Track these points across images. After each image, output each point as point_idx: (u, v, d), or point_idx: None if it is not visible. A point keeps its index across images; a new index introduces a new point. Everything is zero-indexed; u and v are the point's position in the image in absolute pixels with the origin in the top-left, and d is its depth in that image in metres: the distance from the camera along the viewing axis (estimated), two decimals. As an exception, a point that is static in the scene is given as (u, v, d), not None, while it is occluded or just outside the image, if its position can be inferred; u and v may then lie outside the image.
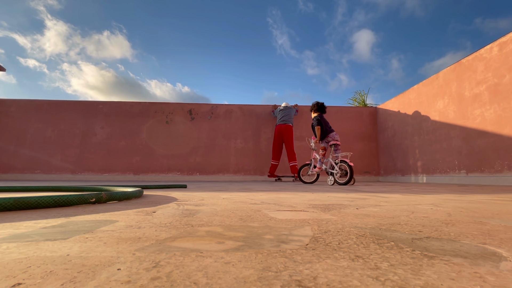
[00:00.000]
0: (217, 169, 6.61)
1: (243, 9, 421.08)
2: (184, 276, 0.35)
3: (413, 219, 0.85)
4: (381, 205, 1.24)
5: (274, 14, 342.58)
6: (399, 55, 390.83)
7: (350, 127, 7.03)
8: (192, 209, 1.04)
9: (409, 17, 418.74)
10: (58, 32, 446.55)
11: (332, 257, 0.45)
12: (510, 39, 3.69)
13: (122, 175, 6.48)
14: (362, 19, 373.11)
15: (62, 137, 6.56)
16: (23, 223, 0.73)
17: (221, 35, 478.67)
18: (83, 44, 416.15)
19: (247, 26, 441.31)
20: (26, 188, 2.00)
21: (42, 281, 0.34)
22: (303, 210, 1.05)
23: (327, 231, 0.65)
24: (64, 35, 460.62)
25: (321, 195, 1.84)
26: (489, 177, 3.92)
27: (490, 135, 3.92)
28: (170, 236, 0.58)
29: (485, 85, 4.02)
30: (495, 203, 1.34)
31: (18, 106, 6.66)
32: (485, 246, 0.52)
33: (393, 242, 0.55)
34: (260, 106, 7.03)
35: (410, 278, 0.35)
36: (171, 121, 6.76)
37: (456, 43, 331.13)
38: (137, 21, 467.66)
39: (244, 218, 0.83)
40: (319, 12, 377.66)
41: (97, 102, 6.83)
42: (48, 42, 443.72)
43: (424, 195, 1.81)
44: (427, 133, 5.20)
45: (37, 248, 0.48)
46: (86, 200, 1.14)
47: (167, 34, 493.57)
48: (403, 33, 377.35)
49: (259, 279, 0.35)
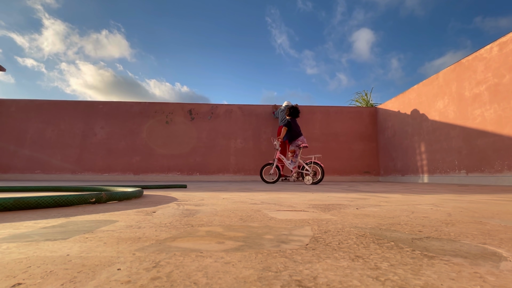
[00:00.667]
0: (217, 169, 6.61)
1: (242, 8, 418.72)
2: (184, 276, 0.35)
3: (413, 219, 0.85)
4: (381, 205, 1.24)
5: (272, 13, 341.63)
6: (399, 55, 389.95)
7: (350, 127, 7.03)
8: (192, 209, 1.04)
9: (409, 16, 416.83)
10: (56, 31, 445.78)
11: (332, 257, 0.45)
12: (510, 39, 3.69)
13: (122, 175, 6.48)
14: (362, 18, 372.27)
15: (62, 137, 6.56)
16: (23, 223, 0.73)
17: (219, 34, 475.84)
18: (81, 43, 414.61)
19: (245, 25, 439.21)
20: (26, 188, 2.00)
21: (42, 281, 0.34)
22: (303, 210, 1.05)
23: (327, 231, 0.65)
24: (62, 34, 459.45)
25: (321, 195, 1.84)
26: (489, 177, 3.92)
27: (490, 135, 3.92)
28: (170, 236, 0.58)
29: (485, 85, 4.02)
30: (495, 203, 1.34)
31: (18, 106, 6.66)
32: (485, 246, 0.52)
33: (393, 242, 0.55)
34: (260, 106, 7.04)
35: (410, 278, 0.35)
36: (171, 121, 6.76)
37: (456, 42, 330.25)
38: (135, 20, 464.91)
39: (244, 218, 0.83)
40: (318, 11, 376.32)
41: (97, 102, 6.83)
42: (46, 41, 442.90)
43: (424, 195, 1.81)
44: (427, 133, 5.20)
45: (37, 248, 0.48)
46: (86, 200, 1.14)
47: (165, 33, 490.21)
48: (402, 32, 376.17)
49: (259, 279, 0.35)
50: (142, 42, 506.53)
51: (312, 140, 6.84)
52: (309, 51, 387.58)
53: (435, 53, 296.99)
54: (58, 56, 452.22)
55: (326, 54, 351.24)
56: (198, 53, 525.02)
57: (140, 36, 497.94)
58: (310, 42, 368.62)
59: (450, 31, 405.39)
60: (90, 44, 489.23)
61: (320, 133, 6.94)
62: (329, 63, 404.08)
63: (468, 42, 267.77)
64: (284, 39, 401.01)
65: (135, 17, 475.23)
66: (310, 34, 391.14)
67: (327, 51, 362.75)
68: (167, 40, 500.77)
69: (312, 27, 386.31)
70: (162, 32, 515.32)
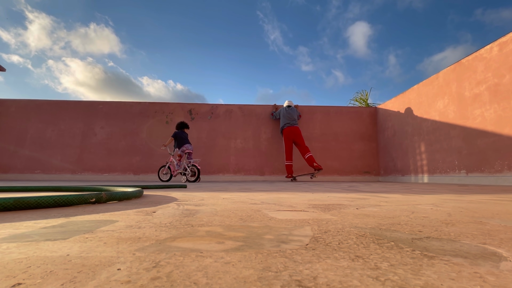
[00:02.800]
0: (217, 169, 6.61)
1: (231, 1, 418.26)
2: (184, 276, 0.35)
3: (413, 219, 0.85)
4: (381, 205, 1.24)
5: (264, 6, 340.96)
6: (396, 50, 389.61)
7: (350, 127, 7.03)
8: (192, 209, 1.04)
9: (407, 8, 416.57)
10: (42, 26, 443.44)
11: (332, 257, 0.45)
12: (510, 39, 3.69)
13: (122, 175, 6.48)
14: (358, 12, 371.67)
15: (62, 137, 6.56)
16: (23, 223, 0.73)
17: (210, 30, 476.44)
18: (69, 38, 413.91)
19: (236, 21, 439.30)
20: (26, 188, 2.00)
21: (42, 281, 0.34)
22: (303, 210, 1.05)
23: (327, 231, 0.65)
24: (47, 28, 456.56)
25: (321, 195, 1.84)
26: (489, 177, 3.92)
27: (490, 135, 3.92)
28: (170, 236, 0.58)
29: (485, 85, 4.02)
30: (495, 203, 1.34)
31: (18, 106, 6.66)
32: (485, 246, 0.52)
33: (393, 242, 0.55)
34: (259, 106, 7.04)
35: (410, 278, 0.35)
36: (171, 121, 6.77)
37: (456, 36, 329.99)
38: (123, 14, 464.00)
39: (244, 218, 0.83)
40: (312, 4, 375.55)
41: (97, 102, 6.83)
42: (31, 36, 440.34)
43: (424, 195, 1.81)
44: (427, 133, 5.20)
45: (37, 248, 0.48)
46: (86, 200, 1.14)
47: (155, 28, 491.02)
48: (400, 26, 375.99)
49: (259, 279, 0.35)
50: (132, 37, 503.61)
51: (312, 140, 6.84)
52: (303, 48, 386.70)
53: (434, 48, 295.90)
54: (44, 52, 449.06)
55: (321, 50, 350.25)
56: (190, 50, 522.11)
57: (129, 31, 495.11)
58: (304, 38, 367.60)
59: (449, 24, 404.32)
60: (77, 39, 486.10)
61: (320, 133, 6.94)
62: (324, 59, 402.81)
63: (469, 36, 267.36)
64: (277, 35, 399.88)
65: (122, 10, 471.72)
66: (304, 30, 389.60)
67: (322, 47, 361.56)
68: (157, 35, 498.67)
69: (306, 22, 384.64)
70: (152, 27, 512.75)
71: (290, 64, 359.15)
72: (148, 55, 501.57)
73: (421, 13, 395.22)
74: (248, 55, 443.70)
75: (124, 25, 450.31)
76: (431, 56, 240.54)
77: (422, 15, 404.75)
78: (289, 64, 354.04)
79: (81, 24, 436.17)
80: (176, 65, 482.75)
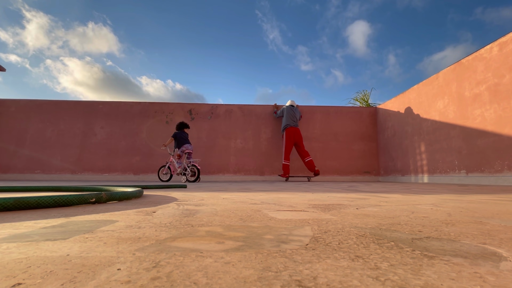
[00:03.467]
0: (217, 169, 6.61)
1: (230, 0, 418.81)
2: (184, 276, 0.35)
3: (413, 219, 0.85)
4: (381, 205, 1.24)
5: (262, 5, 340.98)
6: (396, 50, 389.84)
7: (350, 127, 7.03)
8: (192, 209, 1.04)
9: (406, 7, 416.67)
10: (40, 25, 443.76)
11: (332, 257, 0.45)
12: (510, 39, 3.69)
13: (122, 175, 6.48)
14: (357, 11, 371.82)
15: (62, 137, 6.56)
16: (23, 223, 0.73)
17: (208, 29, 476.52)
18: (67, 37, 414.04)
19: (235, 20, 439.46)
20: (26, 188, 2.00)
21: (42, 281, 0.34)
22: (303, 210, 1.05)
23: (327, 231, 0.65)
24: (45, 28, 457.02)
25: (321, 195, 1.84)
26: (489, 177, 3.92)
27: (490, 135, 3.92)
28: (170, 236, 0.58)
29: (485, 85, 4.02)
30: (495, 203, 1.34)
31: (18, 106, 6.66)
32: (485, 246, 0.52)
33: (393, 242, 0.55)
34: (259, 106, 7.04)
35: (410, 278, 0.35)
36: (171, 121, 6.77)
37: (456, 36, 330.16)
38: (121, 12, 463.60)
39: (244, 218, 0.83)
40: (311, 3, 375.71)
41: (97, 102, 6.83)
42: (29, 35, 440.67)
43: (424, 195, 1.81)
44: (427, 133, 5.20)
45: (37, 248, 0.48)
46: (86, 200, 1.14)
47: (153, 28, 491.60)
48: (400, 25, 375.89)
49: (259, 279, 0.35)
50: (130, 36, 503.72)
51: (312, 140, 6.84)
52: (302, 47, 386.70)
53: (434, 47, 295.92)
54: (41, 51, 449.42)
55: (321, 49, 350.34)
56: (189, 49, 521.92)
57: (128, 30, 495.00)
58: (304, 37, 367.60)
59: (449, 23, 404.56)
60: (75, 38, 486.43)
61: (320, 133, 6.94)
62: (324, 59, 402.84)
63: (469, 35, 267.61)
64: (276, 34, 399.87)
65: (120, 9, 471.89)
66: (303, 29, 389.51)
67: (321, 46, 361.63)
68: (156, 35, 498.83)
69: (305, 21, 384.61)
70: (150, 26, 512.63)
71: (289, 63, 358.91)
72: (146, 54, 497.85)
73: (421, 12, 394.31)
74: (247, 54, 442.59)
75: (122, 24, 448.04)
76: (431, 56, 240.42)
77: (422, 14, 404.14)
78: (288, 64, 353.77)
79: (79, 23, 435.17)
80: (175, 64, 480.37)
